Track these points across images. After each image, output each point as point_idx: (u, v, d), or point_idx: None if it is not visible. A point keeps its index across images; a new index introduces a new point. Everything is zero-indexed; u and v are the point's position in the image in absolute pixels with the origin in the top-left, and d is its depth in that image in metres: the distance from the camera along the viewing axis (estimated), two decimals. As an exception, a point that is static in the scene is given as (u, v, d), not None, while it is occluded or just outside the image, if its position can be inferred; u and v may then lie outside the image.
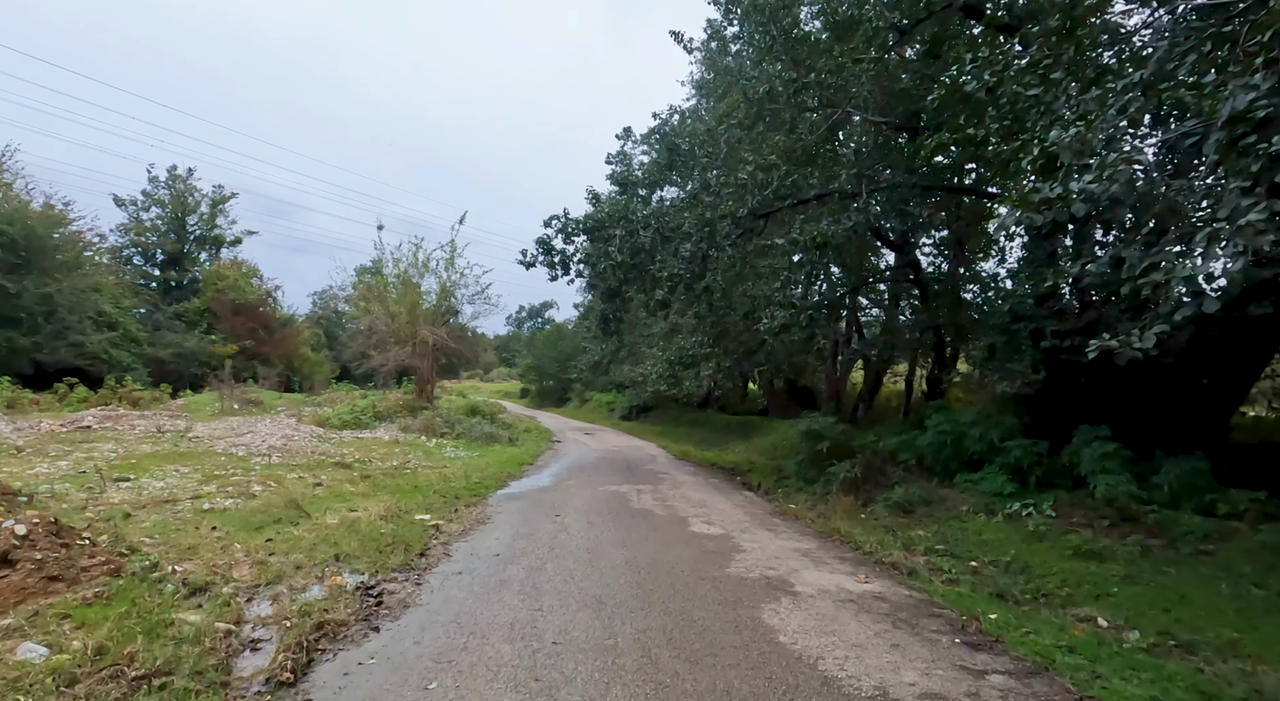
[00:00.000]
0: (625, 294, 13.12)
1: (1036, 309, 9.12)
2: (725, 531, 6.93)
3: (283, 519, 6.26)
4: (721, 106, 10.51)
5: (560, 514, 7.54)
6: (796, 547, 6.33)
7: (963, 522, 7.95)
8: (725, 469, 13.86)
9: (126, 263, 32.85)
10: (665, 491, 9.69)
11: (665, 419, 27.15)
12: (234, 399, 21.58)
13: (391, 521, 6.48)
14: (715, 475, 12.52)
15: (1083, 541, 6.44)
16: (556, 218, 11.53)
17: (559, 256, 11.77)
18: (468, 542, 6.05)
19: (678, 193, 11.70)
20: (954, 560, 6.36)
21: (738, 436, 20.24)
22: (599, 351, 30.09)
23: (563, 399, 41.53)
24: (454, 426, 16.97)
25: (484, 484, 9.42)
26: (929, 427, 10.34)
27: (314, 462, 10.14)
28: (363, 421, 16.27)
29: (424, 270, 19.14)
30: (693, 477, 11.61)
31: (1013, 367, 8.97)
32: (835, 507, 8.83)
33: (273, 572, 4.69)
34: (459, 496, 8.27)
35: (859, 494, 9.88)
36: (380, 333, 18.94)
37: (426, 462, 11.62)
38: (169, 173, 33.22)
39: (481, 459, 12.86)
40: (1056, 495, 8.09)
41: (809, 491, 10.49)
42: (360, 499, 7.57)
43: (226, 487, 7.44)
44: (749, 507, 8.73)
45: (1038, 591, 5.43)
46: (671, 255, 11.05)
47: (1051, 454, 8.68)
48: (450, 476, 10.08)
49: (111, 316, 27.72)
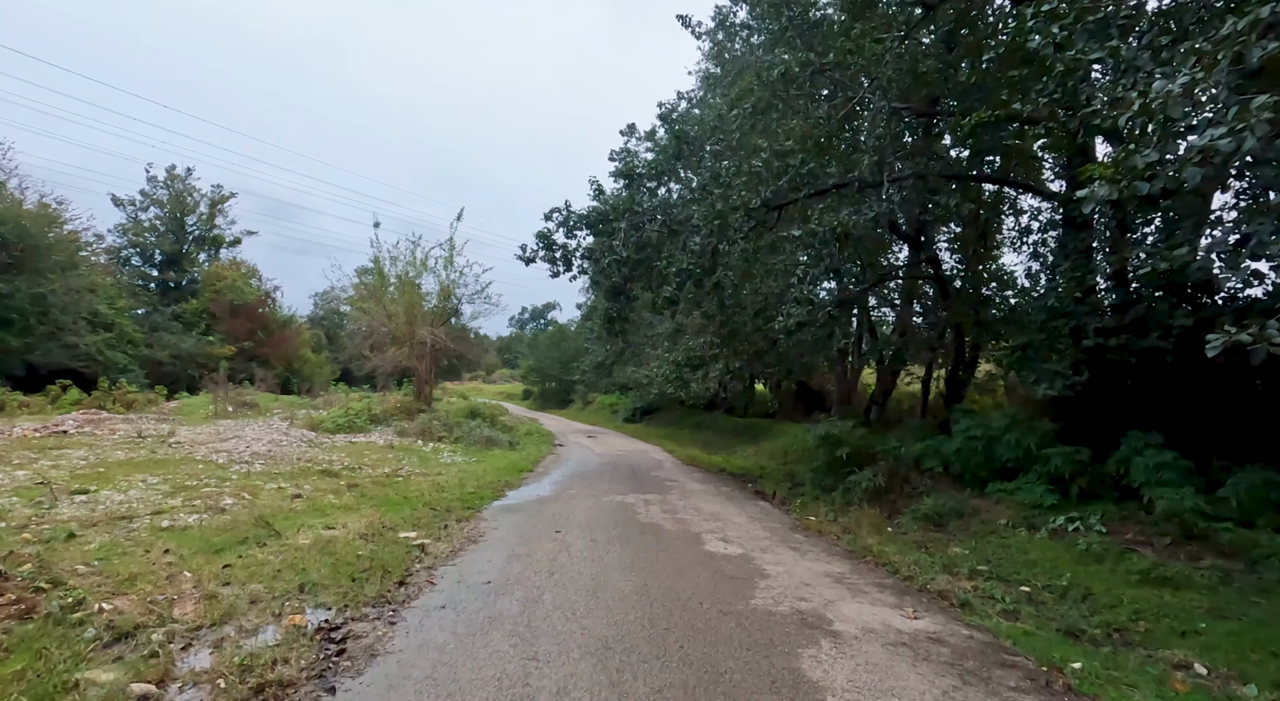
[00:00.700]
0: (630, 292, 12.40)
1: (1077, 304, 8.37)
2: (744, 551, 6.18)
3: (249, 538, 5.52)
4: (734, 91, 9.78)
5: (561, 529, 6.80)
6: (827, 571, 5.57)
7: (1003, 538, 7.19)
8: (735, 475, 13.10)
9: (124, 263, 32.25)
10: (674, 502, 8.95)
11: (670, 421, 26.40)
12: (229, 401, 20.91)
13: (372, 540, 5.74)
14: (725, 482, 11.76)
15: (1148, 564, 5.67)
16: (558, 210, 10.80)
17: (560, 251, 11.04)
18: (456, 566, 5.31)
19: (685, 185, 10.96)
20: (1004, 585, 5.60)
21: (745, 440, 19.49)
22: (602, 352, 29.37)
23: (565, 400, 40.81)
24: (452, 430, 16.25)
25: (479, 494, 8.68)
26: (956, 433, 9.58)
27: (298, 470, 9.41)
28: (357, 425, 15.55)
29: (422, 269, 18.44)
30: (702, 486, 10.86)
31: (1051, 368, 8.20)
32: (860, 521, 8.07)
33: (222, 609, 3.96)
34: (450, 509, 7.54)
35: (883, 504, 9.13)
36: (377, 333, 18.22)
37: (420, 470, 10.89)
38: (167, 172, 32.64)
39: (479, 465, 12.13)
40: (1104, 508, 7.33)
41: (827, 501, 9.73)
42: (342, 513, 6.84)
43: (194, 501, 6.71)
44: (766, 521, 7.98)
45: (1110, 626, 4.67)
46: (680, 250, 10.32)
47: (1096, 462, 7.93)
48: (444, 485, 9.34)
49: (107, 317, 27.07)
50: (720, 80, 12.10)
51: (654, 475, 12.08)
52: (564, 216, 10.80)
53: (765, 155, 9.06)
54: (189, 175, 33.00)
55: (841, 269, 8.76)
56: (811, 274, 8.75)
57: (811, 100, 9.29)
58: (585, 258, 11.19)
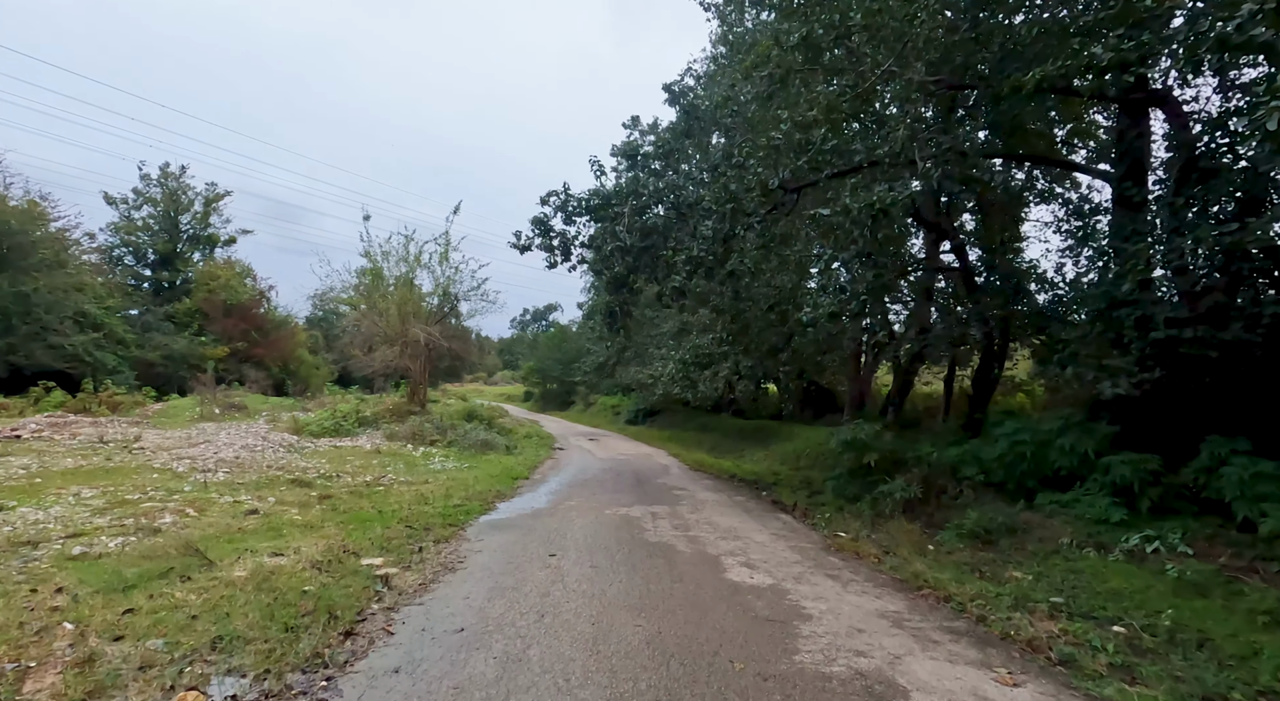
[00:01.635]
0: (634, 284, 11.35)
1: (1142, 292, 7.31)
2: (774, 580, 5.12)
3: (174, 570, 4.48)
4: (749, 59, 8.74)
5: (556, 552, 5.74)
6: (880, 609, 4.51)
7: (1069, 561, 6.12)
8: (747, 482, 12.04)
9: (117, 263, 31.29)
10: (685, 515, 7.89)
11: (674, 423, 25.34)
12: (216, 403, 19.89)
13: (326, 570, 4.70)
14: (739, 490, 10.69)
15: (1272, 601, 4.61)
16: (555, 194, 9.76)
17: (558, 238, 9.99)
18: (423, 605, 4.26)
19: (695, 166, 9.92)
20: (1093, 625, 4.53)
21: (754, 443, 18.41)
22: (604, 352, 28.36)
23: (567, 402, 39.78)
24: (446, 433, 15.20)
25: (466, 507, 7.63)
26: (998, 437, 8.52)
27: (266, 480, 8.38)
28: (344, 428, 14.51)
29: (416, 265, 17.42)
30: (714, 495, 9.79)
31: (1114, 363, 7.14)
32: (898, 538, 7.01)
33: (95, 681, 2.91)
34: (430, 526, 6.48)
35: (920, 517, 8.06)
36: (368, 331, 17.20)
37: (405, 477, 9.85)
38: (161, 170, 31.71)
39: (471, 471, 11.08)
40: (1184, 525, 6.26)
41: (854, 512, 8.68)
42: (301, 533, 5.79)
43: (126, 520, 5.67)
44: (792, 538, 6.91)
45: (1257, 689, 3.61)
46: (689, 235, 9.29)
47: (1168, 471, 6.87)
48: (428, 496, 8.30)
49: (96, 317, 26.10)
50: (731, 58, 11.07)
51: (660, 482, 11.02)
52: (562, 200, 9.76)
53: (785, 126, 8.02)
54: (183, 173, 32.07)
55: (874, 253, 7.76)
56: (841, 258, 7.71)
57: (833, 73, 8.26)
58: (586, 246, 10.15)
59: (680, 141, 9.96)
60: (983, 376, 12.24)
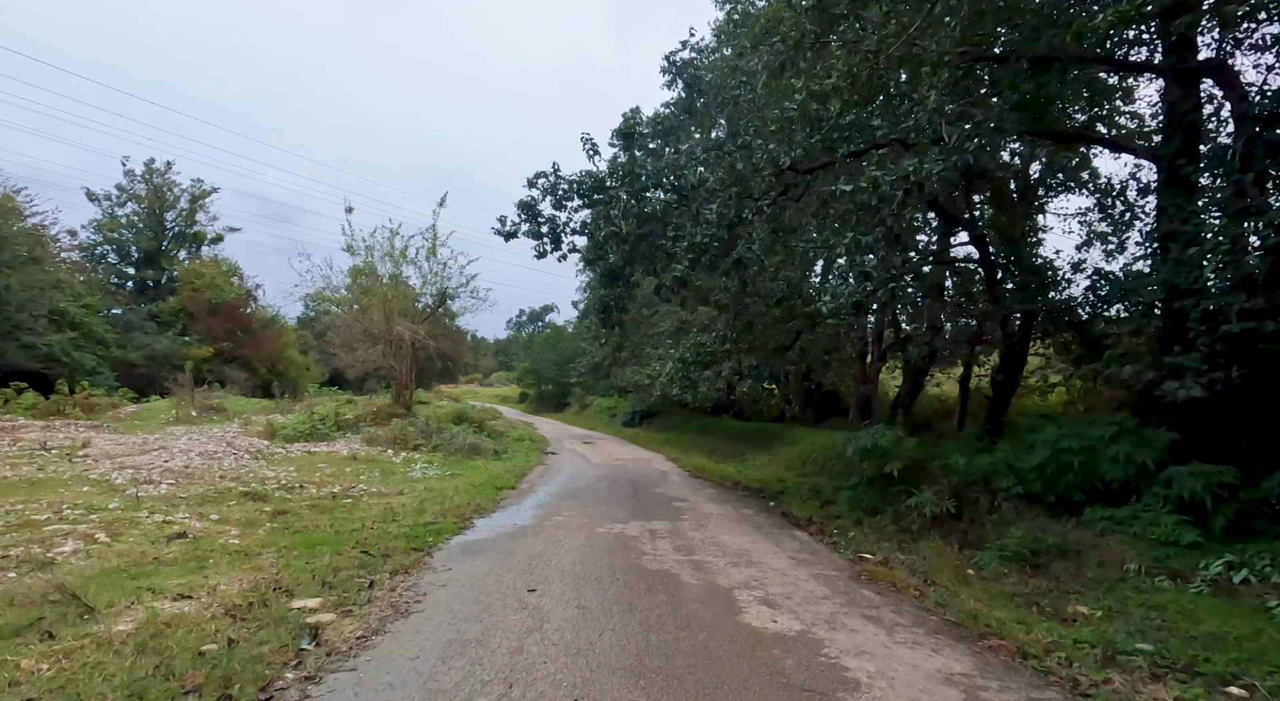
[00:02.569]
0: (630, 277, 10.35)
1: (1209, 281, 6.36)
2: (803, 625, 4.12)
3: (43, 621, 3.46)
4: (759, 24, 7.78)
5: (536, 586, 4.73)
6: (942, 670, 3.51)
7: (1142, 593, 5.15)
8: (752, 490, 11.05)
9: (100, 261, 30.12)
10: (689, 533, 6.88)
11: (671, 425, 24.34)
12: (194, 405, 18.78)
13: (243, 618, 3.68)
14: (745, 501, 9.69)
15: None
16: (544, 175, 8.75)
17: (547, 225, 8.98)
18: (355, 672, 3.24)
19: (698, 146, 8.93)
20: (1201, 685, 3.55)
21: (756, 447, 17.43)
22: (599, 353, 27.33)
23: (562, 404, 38.73)
24: (431, 437, 14.16)
25: (439, 525, 6.60)
26: (1036, 443, 7.57)
27: (214, 493, 7.34)
28: (321, 432, 13.45)
29: (401, 259, 16.37)
30: (719, 506, 8.79)
31: (1180, 362, 6.18)
32: (934, 562, 6.03)
33: None
34: (391, 551, 5.46)
35: (952, 534, 7.07)
36: (350, 329, 16.14)
37: (379, 487, 8.82)
38: (146, 166, 30.56)
39: (453, 480, 10.06)
40: (1273, 549, 5.31)
41: (875, 527, 7.72)
42: (230, 564, 4.76)
43: (16, 548, 4.63)
44: (814, 564, 5.91)
45: None
46: (691, 221, 8.31)
47: (1245, 484, 5.91)
48: (399, 510, 7.28)
49: (74, 316, 24.94)
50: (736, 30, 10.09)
51: (659, 492, 10.01)
52: (551, 182, 8.76)
53: (800, 96, 7.05)
54: (169, 169, 30.94)
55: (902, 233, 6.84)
56: (865, 242, 6.72)
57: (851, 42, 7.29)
58: (578, 233, 9.14)
59: (681, 118, 8.98)
60: (1005, 377, 11.31)
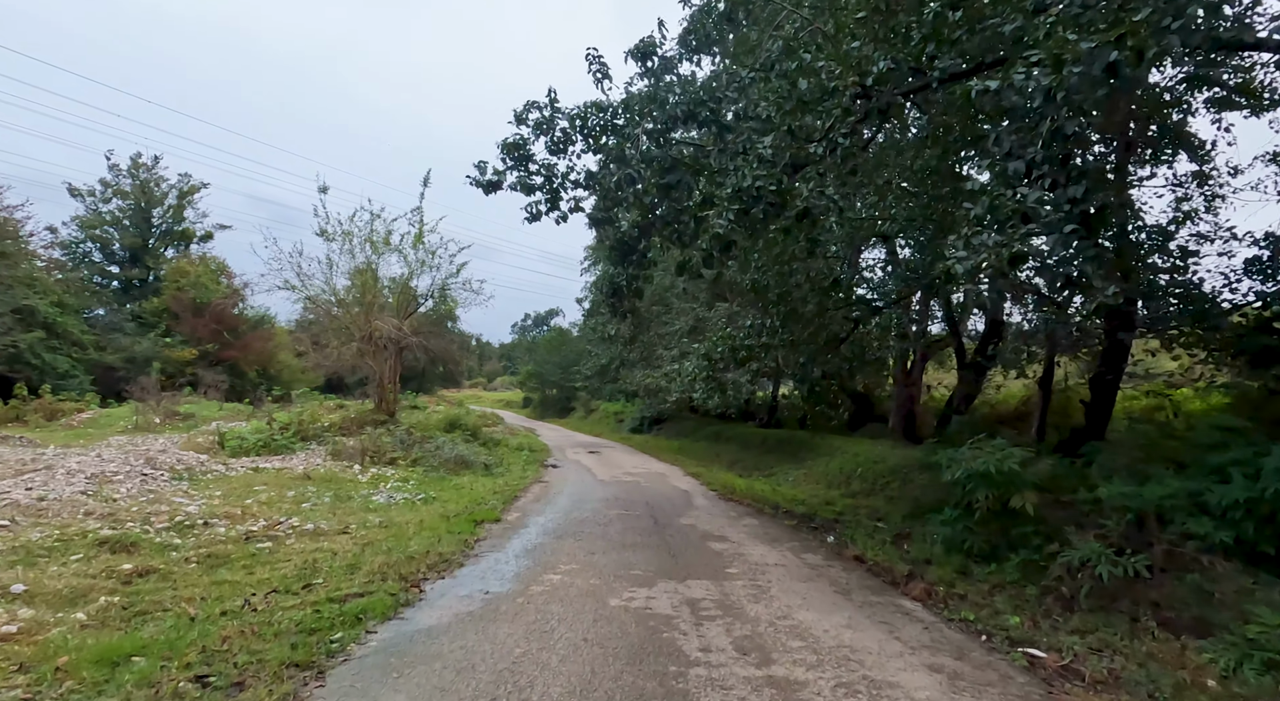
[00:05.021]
0: (646, 251, 7.97)
1: None
2: None
3: None
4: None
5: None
6: None
7: None
8: (796, 515, 8.61)
9: (82, 259, 27.97)
10: (747, 606, 4.45)
11: (683, 432, 21.89)
12: (157, 412, 16.48)
13: None
14: (797, 536, 7.24)
15: None
16: (536, 106, 6.38)
17: (542, 175, 6.59)
18: None
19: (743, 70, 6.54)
20: None
21: (783, 458, 14.94)
22: (605, 354, 24.97)
23: (566, 408, 36.34)
24: (411, 448, 11.78)
25: (369, 599, 4.18)
26: (1225, 467, 5.19)
27: (60, 540, 4.96)
28: (279, 443, 11.08)
29: (383, 246, 14.04)
30: (772, 551, 6.34)
31: None
32: (1153, 669, 3.59)
33: None
34: (256, 671, 3.06)
35: (1140, 604, 4.63)
36: (323, 324, 13.82)
37: (320, 521, 6.44)
38: (132, 161, 28.44)
39: (424, 508, 7.68)
40: None
41: (987, 579, 5.37)
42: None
43: None
44: (971, 677, 3.47)
45: None
46: (734, 159, 5.94)
47: None
48: (324, 564, 4.91)
49: (45, 315, 22.72)
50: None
51: (686, 524, 7.58)
52: (547, 117, 6.39)
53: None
54: (156, 164, 28.81)
55: (1082, 154, 4.50)
56: (1014, 169, 4.33)
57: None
58: (582, 187, 6.76)
59: (721, 27, 6.61)
60: (1109, 376, 8.88)
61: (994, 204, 4.14)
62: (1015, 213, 4.15)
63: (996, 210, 4.13)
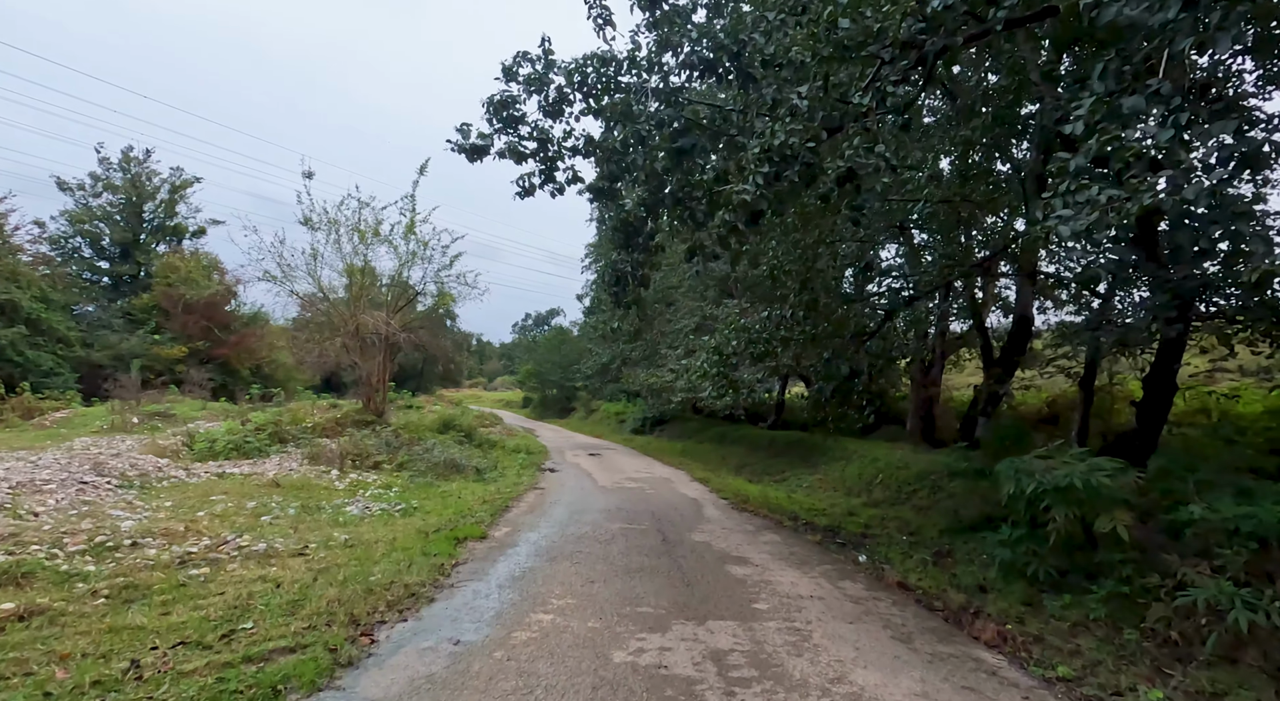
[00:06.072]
0: (653, 232, 6.99)
1: None
2: None
3: None
4: None
5: None
6: None
7: None
8: (820, 529, 7.62)
9: (72, 254, 27.00)
10: (787, 661, 3.46)
11: (686, 433, 20.88)
12: (134, 411, 15.49)
13: None
14: (828, 556, 6.24)
15: None
16: (528, 57, 5.41)
17: (535, 136, 5.61)
18: None
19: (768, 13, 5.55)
20: None
21: (795, 462, 13.92)
22: (607, 353, 24.01)
23: (566, 409, 35.34)
24: (398, 452, 10.80)
25: (307, 647, 3.20)
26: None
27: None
28: (251, 447, 10.08)
29: (372, 236, 13.06)
30: (803, 577, 5.34)
31: None
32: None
33: None
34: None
35: (1272, 657, 3.66)
36: (307, 319, 12.84)
37: (273, 540, 5.45)
38: (123, 154, 27.49)
39: (402, 521, 6.70)
40: None
41: (1064, 614, 4.37)
42: None
43: None
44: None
45: None
46: (761, 115, 4.96)
47: None
48: (263, 600, 3.92)
49: (29, 311, 21.75)
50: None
51: (700, 540, 6.59)
52: (539, 70, 5.41)
53: None
54: (148, 157, 27.86)
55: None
56: (1130, 104, 3.37)
57: None
58: (581, 154, 5.77)
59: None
60: (1175, 366, 7.88)
61: (1106, 149, 3.16)
62: (1137, 158, 3.17)
63: (1117, 155, 3.14)
